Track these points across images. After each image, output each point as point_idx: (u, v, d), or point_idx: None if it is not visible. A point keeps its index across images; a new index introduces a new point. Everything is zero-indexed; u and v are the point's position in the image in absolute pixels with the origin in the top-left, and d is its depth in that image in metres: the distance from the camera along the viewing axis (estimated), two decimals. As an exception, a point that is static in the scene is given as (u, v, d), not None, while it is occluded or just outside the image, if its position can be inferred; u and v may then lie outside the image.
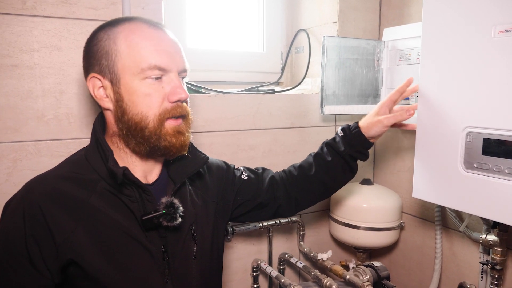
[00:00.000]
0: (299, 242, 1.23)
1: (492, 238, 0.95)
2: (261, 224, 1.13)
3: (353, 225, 1.16)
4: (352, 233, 1.16)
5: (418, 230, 1.25)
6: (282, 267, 1.22)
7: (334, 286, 0.95)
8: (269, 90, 1.27)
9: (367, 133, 0.84)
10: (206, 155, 0.75)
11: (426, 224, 1.22)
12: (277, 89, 1.31)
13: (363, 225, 1.14)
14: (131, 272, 0.64)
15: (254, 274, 1.17)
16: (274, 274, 1.08)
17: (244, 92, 1.19)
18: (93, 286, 0.62)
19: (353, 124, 0.87)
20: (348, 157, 0.85)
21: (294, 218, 1.18)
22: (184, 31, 1.21)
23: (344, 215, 1.18)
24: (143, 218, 0.64)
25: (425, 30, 0.82)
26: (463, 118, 0.76)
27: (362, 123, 0.85)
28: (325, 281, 0.97)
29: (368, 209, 1.14)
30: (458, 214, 1.09)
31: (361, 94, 1.19)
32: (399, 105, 0.93)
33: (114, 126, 0.67)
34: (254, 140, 1.15)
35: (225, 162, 0.88)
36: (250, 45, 1.38)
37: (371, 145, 0.86)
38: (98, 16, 0.90)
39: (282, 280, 1.03)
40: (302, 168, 0.90)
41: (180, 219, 0.65)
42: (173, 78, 0.65)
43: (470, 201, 0.77)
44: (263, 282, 1.22)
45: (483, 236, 0.97)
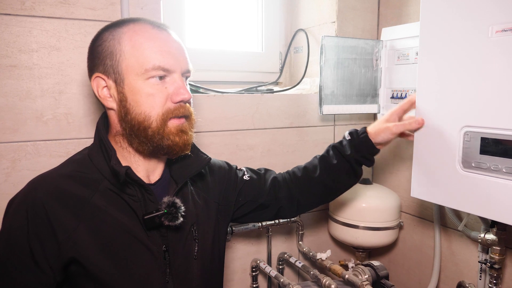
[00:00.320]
0: (298, 241, 1.23)
1: (490, 237, 0.95)
2: (260, 224, 1.13)
3: (352, 224, 1.16)
4: (351, 232, 1.16)
5: (417, 229, 1.25)
6: (281, 267, 1.22)
7: (333, 286, 0.95)
8: (268, 90, 1.27)
9: (375, 139, 0.84)
10: (208, 156, 0.76)
11: (425, 223, 1.22)
12: (276, 89, 1.31)
13: (362, 224, 1.14)
14: (132, 271, 0.64)
15: (253, 273, 1.17)
16: (273, 273, 1.08)
17: (243, 92, 1.19)
18: (94, 285, 0.63)
19: (361, 129, 0.87)
20: (353, 161, 0.85)
21: (293, 218, 1.19)
22: (183, 31, 1.21)
23: (343, 215, 1.18)
24: (145, 217, 0.64)
25: (423, 29, 0.82)
26: (461, 118, 0.76)
27: (370, 129, 0.85)
28: (324, 280, 0.98)
29: (367, 208, 1.15)
30: (457, 213, 1.09)
31: (359, 93, 1.19)
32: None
33: (117, 125, 0.67)
34: (253, 140, 1.15)
35: (227, 163, 0.88)
36: (249, 45, 1.38)
37: (378, 151, 0.86)
38: (97, 16, 0.90)
39: (281, 279, 1.03)
40: (306, 169, 0.90)
41: (181, 219, 0.66)
42: (176, 78, 0.66)
43: (468, 200, 0.77)
44: (262, 282, 1.22)
45: (482, 235, 0.97)
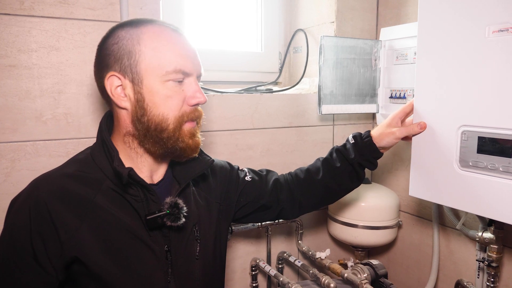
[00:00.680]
0: (298, 241, 1.24)
1: (488, 235, 0.96)
2: (259, 223, 1.13)
3: (351, 223, 1.16)
4: (350, 231, 1.17)
5: (415, 228, 1.25)
6: (280, 266, 1.22)
7: (332, 285, 0.96)
8: (267, 89, 1.27)
9: (378, 143, 0.84)
10: (211, 158, 0.76)
11: (424, 222, 1.22)
12: (275, 88, 1.31)
13: (361, 223, 1.15)
14: (135, 271, 0.64)
15: (253, 273, 1.18)
16: (273, 273, 1.08)
17: (242, 92, 1.20)
18: (96, 284, 0.63)
19: (364, 132, 0.87)
20: (357, 164, 0.85)
21: (293, 219, 1.19)
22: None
23: (342, 214, 1.18)
24: (147, 217, 0.64)
25: (421, 30, 0.82)
26: (459, 117, 0.77)
27: (374, 133, 0.86)
28: (323, 279, 0.98)
29: (366, 207, 1.15)
30: (455, 212, 1.10)
31: (358, 93, 1.20)
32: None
33: (129, 125, 0.67)
34: (253, 139, 1.15)
35: (229, 163, 0.88)
36: (248, 45, 1.38)
37: (381, 155, 0.86)
38: (96, 16, 0.91)
39: (281, 278, 1.04)
40: (309, 171, 0.90)
41: (183, 219, 0.66)
42: (192, 82, 0.68)
43: (466, 199, 0.77)
44: (262, 281, 1.23)
45: (479, 233, 0.98)
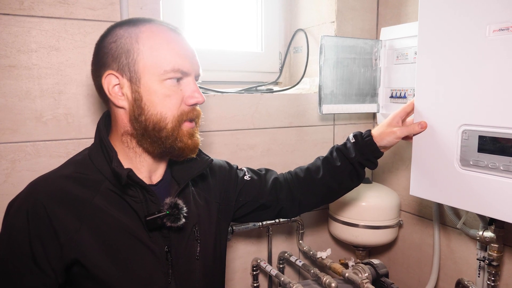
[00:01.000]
0: (299, 240, 1.24)
1: (488, 234, 0.96)
2: (260, 223, 1.13)
3: (352, 223, 1.16)
4: (351, 231, 1.17)
5: (416, 227, 1.25)
6: (281, 266, 1.22)
7: (333, 284, 0.96)
8: (267, 89, 1.27)
9: (379, 142, 0.84)
10: (210, 157, 0.76)
11: (424, 221, 1.22)
12: (275, 88, 1.31)
13: (362, 223, 1.15)
14: (135, 272, 0.64)
15: (254, 273, 1.18)
16: (274, 272, 1.08)
17: (242, 91, 1.20)
18: (96, 286, 0.62)
19: (365, 132, 0.87)
20: (357, 164, 0.85)
21: (293, 217, 1.19)
22: (182, 31, 1.21)
23: (343, 214, 1.18)
24: (147, 218, 0.64)
25: (421, 29, 0.82)
26: (459, 116, 0.77)
27: (374, 132, 0.85)
28: (324, 279, 0.98)
29: (366, 207, 1.15)
30: (456, 211, 1.10)
31: (359, 93, 1.20)
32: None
33: (127, 125, 0.66)
34: (253, 139, 1.15)
35: (227, 163, 0.88)
36: (249, 45, 1.38)
37: (382, 154, 0.86)
38: (96, 16, 0.90)
39: (282, 278, 1.03)
40: (309, 170, 0.90)
41: (183, 220, 0.66)
42: (190, 81, 0.68)
43: (467, 198, 0.77)
44: (263, 281, 1.23)
45: (480, 232, 0.98)
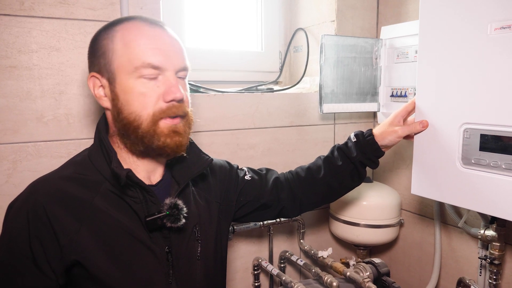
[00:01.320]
0: (300, 240, 1.24)
1: (490, 233, 0.96)
2: (261, 222, 1.13)
3: (353, 222, 1.16)
4: (352, 230, 1.17)
5: (417, 226, 1.25)
6: (283, 265, 1.22)
7: (334, 283, 0.96)
8: (268, 89, 1.27)
9: (380, 141, 0.84)
10: (210, 157, 0.75)
11: (425, 220, 1.22)
12: (276, 88, 1.31)
13: (363, 222, 1.15)
14: (135, 273, 0.64)
15: (255, 272, 1.18)
16: (275, 272, 1.08)
17: (243, 91, 1.19)
18: (97, 287, 0.62)
19: (366, 131, 0.87)
20: (358, 163, 0.85)
21: (294, 217, 1.19)
22: (182, 31, 1.21)
23: (344, 213, 1.18)
24: (147, 219, 0.64)
25: (422, 27, 0.82)
26: (461, 115, 0.76)
27: (376, 131, 0.85)
28: (325, 278, 0.98)
29: (367, 206, 1.15)
30: (457, 210, 1.10)
31: (359, 92, 1.19)
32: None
33: (113, 125, 0.67)
34: (254, 139, 1.15)
35: (228, 162, 0.87)
36: (249, 44, 1.38)
37: (383, 153, 0.86)
38: (97, 16, 0.90)
39: (283, 278, 1.04)
40: (310, 170, 0.89)
41: (184, 220, 0.65)
42: (168, 77, 0.64)
43: (468, 196, 0.77)
44: (264, 280, 1.23)
45: (482, 231, 0.98)
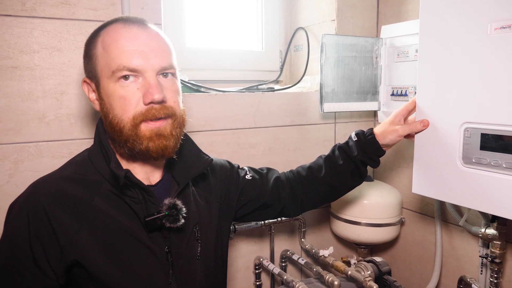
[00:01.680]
0: (301, 239, 1.24)
1: (491, 231, 0.96)
2: (262, 222, 1.14)
3: (354, 221, 1.16)
4: (353, 229, 1.17)
5: (418, 225, 1.26)
6: (284, 264, 1.23)
7: (336, 282, 0.96)
8: (268, 88, 1.27)
9: (381, 140, 0.84)
10: (210, 157, 0.76)
11: (426, 219, 1.23)
12: (276, 87, 1.31)
13: (364, 221, 1.15)
14: (135, 273, 0.64)
15: (257, 271, 1.18)
16: (276, 271, 1.08)
17: (243, 90, 1.20)
18: (97, 287, 0.62)
19: (367, 130, 0.87)
20: (359, 162, 0.85)
21: (295, 216, 1.19)
22: (183, 31, 1.21)
23: (345, 212, 1.18)
24: (146, 219, 0.64)
25: (422, 27, 0.82)
26: (461, 114, 0.77)
27: (376, 130, 0.85)
28: (327, 277, 0.98)
29: (368, 205, 1.15)
30: (458, 208, 1.10)
31: (360, 91, 1.20)
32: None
33: (106, 128, 0.67)
34: (254, 138, 1.15)
35: (229, 162, 0.88)
36: (249, 43, 1.38)
37: (384, 153, 0.86)
38: (98, 17, 0.91)
39: (284, 276, 1.04)
40: (311, 169, 0.89)
41: (183, 221, 0.66)
42: (148, 78, 0.62)
43: (469, 195, 0.77)
44: (266, 279, 1.23)
45: (482, 230, 0.98)
